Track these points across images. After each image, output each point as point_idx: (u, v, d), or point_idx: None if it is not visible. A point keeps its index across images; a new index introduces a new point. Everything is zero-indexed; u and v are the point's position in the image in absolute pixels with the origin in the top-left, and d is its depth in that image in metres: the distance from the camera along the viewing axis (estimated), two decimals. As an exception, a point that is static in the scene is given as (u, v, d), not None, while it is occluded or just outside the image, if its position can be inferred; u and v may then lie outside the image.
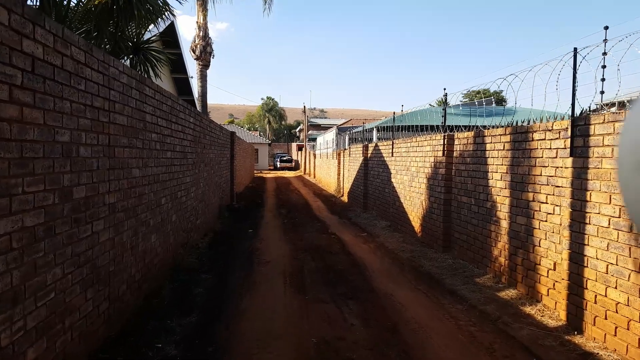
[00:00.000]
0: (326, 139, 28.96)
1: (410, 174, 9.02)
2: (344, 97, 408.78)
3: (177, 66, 13.76)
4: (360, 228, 10.61)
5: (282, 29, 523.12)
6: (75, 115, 3.24)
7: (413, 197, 8.87)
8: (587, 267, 4.20)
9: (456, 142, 7.21)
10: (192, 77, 14.26)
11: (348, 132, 19.14)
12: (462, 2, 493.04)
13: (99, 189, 3.68)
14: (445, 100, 7.56)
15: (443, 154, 7.42)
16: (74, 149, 3.22)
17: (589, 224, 4.20)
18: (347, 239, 9.08)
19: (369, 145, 13.21)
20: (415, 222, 8.73)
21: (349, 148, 15.97)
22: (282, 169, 47.24)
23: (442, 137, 7.43)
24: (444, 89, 7.65)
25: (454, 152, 7.28)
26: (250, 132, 56.18)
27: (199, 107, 16.61)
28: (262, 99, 77.95)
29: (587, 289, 4.20)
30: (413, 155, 8.90)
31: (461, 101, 19.40)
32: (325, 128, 44.39)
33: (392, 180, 10.33)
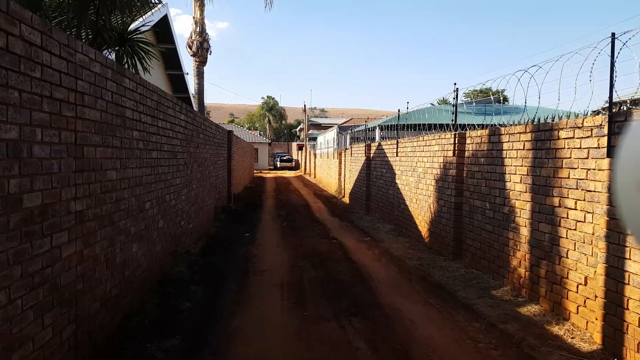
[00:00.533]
0: (327, 138, 28.42)
1: (417, 175, 8.47)
2: (344, 96, 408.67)
3: (172, 62, 13.22)
4: (363, 232, 10.07)
5: (283, 30, 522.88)
6: (27, 108, 2.69)
7: (420, 200, 8.32)
8: (628, 284, 3.65)
9: (468, 141, 6.66)
10: (187, 74, 13.72)
11: (349, 131, 18.60)
12: (463, 3, 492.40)
13: (62, 195, 3.13)
14: (457, 96, 7.01)
15: (454, 154, 6.87)
16: (25, 148, 2.68)
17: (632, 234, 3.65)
18: (350, 245, 8.53)
19: (372, 144, 12.66)
20: (422, 227, 8.18)
21: (351, 147, 15.43)
22: (282, 168, 46.68)
23: (453, 136, 6.88)
24: (455, 84, 7.12)
25: (466, 152, 6.73)
26: (250, 132, 55.65)
27: (195, 105, 16.09)
28: (262, 98, 77.40)
29: (628, 309, 3.65)
30: (420, 155, 8.35)
31: (462, 100, 18.82)
32: (326, 127, 43.82)
33: (397, 181, 9.79)
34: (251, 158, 31.84)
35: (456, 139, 6.80)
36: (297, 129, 73.13)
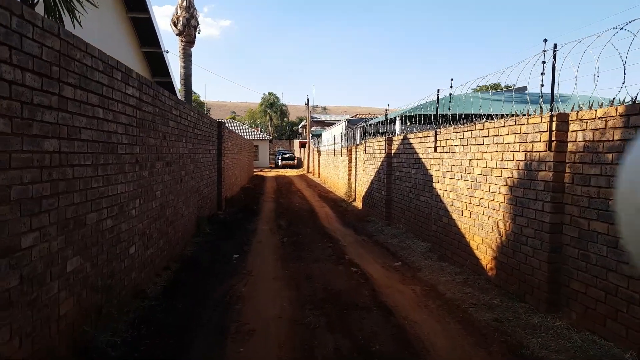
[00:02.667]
0: (333, 134, 25.98)
1: (472, 178, 6.03)
2: (346, 96, 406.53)
3: (147, 37, 10.77)
4: (389, 252, 7.64)
5: (284, 29, 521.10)
6: None
7: (478, 214, 5.88)
8: None
9: (575, 126, 4.22)
10: (167, 52, 11.31)
11: (361, 125, 16.16)
12: (462, 3, 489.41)
13: None
14: (554, 55, 4.53)
15: (548, 147, 4.42)
16: None
17: None
18: (376, 275, 6.11)
19: (394, 138, 10.22)
20: (482, 252, 5.74)
21: (364, 143, 13.00)
22: (284, 167, 44.25)
23: (547, 119, 4.44)
24: (545, 41, 4.65)
25: (570, 144, 4.29)
26: (251, 129, 53.30)
27: (181, 94, 13.69)
28: (263, 94, 75.00)
29: None
30: (477, 150, 5.91)
31: (470, 91, 16.29)
32: (329, 124, 41.31)
33: (435, 185, 7.35)
34: (250, 156, 29.45)
35: (553, 123, 4.36)
36: (300, 126, 70.75)
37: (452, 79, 6.91)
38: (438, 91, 7.46)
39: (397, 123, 13.14)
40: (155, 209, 5.75)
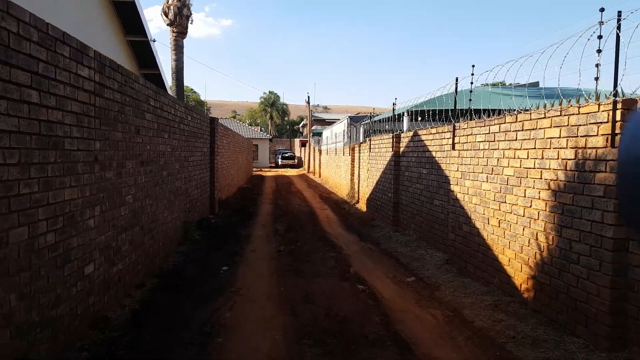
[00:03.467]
0: (334, 132, 25.04)
1: (501, 181, 5.11)
2: (346, 95, 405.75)
3: (132, 24, 9.84)
4: (400, 263, 6.72)
5: (285, 28, 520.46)
6: None
7: (509, 222, 4.95)
8: None
9: (648, 115, 3.29)
10: (154, 40, 10.38)
11: (364, 122, 15.22)
12: (462, 3, 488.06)
13: None
14: (619, 26, 3.60)
15: (610, 143, 3.50)
16: None
17: None
18: (387, 295, 5.18)
19: (402, 135, 9.30)
20: (515, 269, 4.81)
21: (369, 141, 12.07)
22: (284, 166, 43.31)
23: (607, 106, 3.52)
24: (601, 10, 3.73)
25: (640, 138, 3.36)
26: (250, 127, 52.44)
27: (172, 91, 12.78)
28: (263, 93, 74.14)
29: None
30: (507, 147, 4.98)
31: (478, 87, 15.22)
32: (330, 123, 40.35)
33: (453, 188, 6.42)
34: (249, 155, 28.52)
35: (617, 112, 3.43)
36: (300, 125, 69.91)
37: (473, 66, 5.99)
38: (457, 80, 6.51)
39: (405, 119, 12.18)
40: (125, 217, 4.83)
